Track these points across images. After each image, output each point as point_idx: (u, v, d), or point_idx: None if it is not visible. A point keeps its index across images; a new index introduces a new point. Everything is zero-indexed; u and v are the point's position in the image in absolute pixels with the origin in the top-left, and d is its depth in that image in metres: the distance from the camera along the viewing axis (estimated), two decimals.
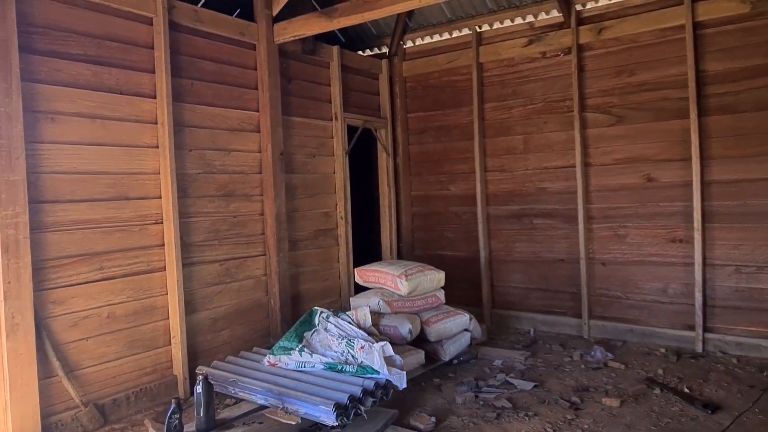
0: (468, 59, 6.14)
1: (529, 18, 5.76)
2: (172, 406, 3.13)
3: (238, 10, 5.47)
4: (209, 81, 4.64)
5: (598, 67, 5.42)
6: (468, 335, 4.86)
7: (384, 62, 6.57)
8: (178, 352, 4.16)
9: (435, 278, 4.86)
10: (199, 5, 4.96)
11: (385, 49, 6.72)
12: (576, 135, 5.48)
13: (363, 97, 6.38)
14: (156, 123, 4.17)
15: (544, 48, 5.69)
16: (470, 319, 4.89)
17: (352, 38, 6.83)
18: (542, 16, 5.69)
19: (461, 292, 6.05)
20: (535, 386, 4.17)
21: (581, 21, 5.47)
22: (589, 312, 5.50)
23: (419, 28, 6.52)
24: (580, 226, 5.49)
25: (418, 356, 4.29)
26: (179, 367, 4.16)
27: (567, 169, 5.61)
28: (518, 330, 5.86)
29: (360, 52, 6.80)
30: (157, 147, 4.17)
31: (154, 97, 4.17)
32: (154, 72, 4.17)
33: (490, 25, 6.03)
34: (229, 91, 4.81)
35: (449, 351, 4.61)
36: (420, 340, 4.54)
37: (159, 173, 4.17)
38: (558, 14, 5.56)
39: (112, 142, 3.91)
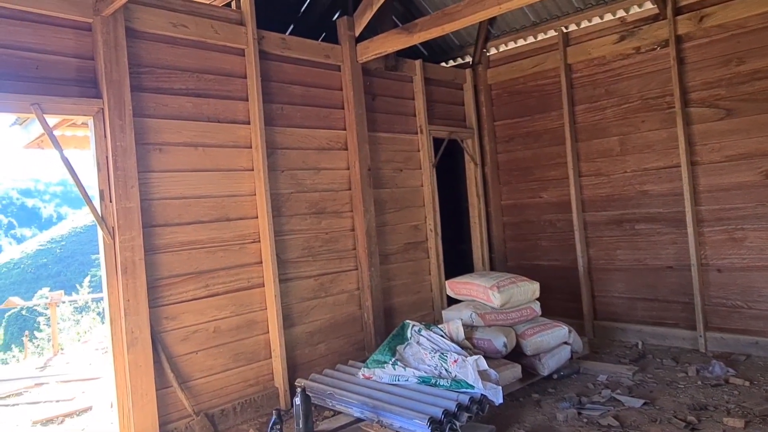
0: (555, 61, 5.94)
1: (620, 13, 5.47)
2: (273, 417, 3.26)
3: (323, 34, 5.69)
4: (298, 104, 4.85)
5: (700, 58, 5.02)
6: (568, 349, 4.63)
7: (468, 71, 6.53)
8: (278, 364, 4.33)
9: (529, 289, 4.69)
10: (287, 33, 5.22)
11: (468, 59, 6.67)
12: (679, 132, 5.09)
13: (448, 108, 6.36)
14: (251, 147, 4.41)
15: (638, 43, 5.37)
16: (569, 331, 4.66)
17: (435, 50, 6.86)
18: (634, 9, 5.38)
19: (558, 303, 5.79)
20: (645, 404, 3.87)
21: (678, 11, 5.11)
22: (704, 323, 5.04)
23: (502, 34, 6.41)
24: (690, 230, 5.07)
25: (515, 370, 4.15)
26: (280, 380, 4.32)
27: (671, 169, 5.22)
28: (623, 343, 5.49)
29: (443, 64, 6.80)
30: (253, 170, 4.41)
31: (248, 123, 4.42)
32: (247, 99, 4.43)
33: (578, 25, 5.80)
34: (317, 112, 4.99)
35: (548, 365, 4.41)
36: (516, 354, 4.39)
37: (255, 194, 4.40)
38: (652, 6, 5.23)
39: (212, 167, 4.19)
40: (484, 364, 3.64)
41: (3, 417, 5.01)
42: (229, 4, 4.58)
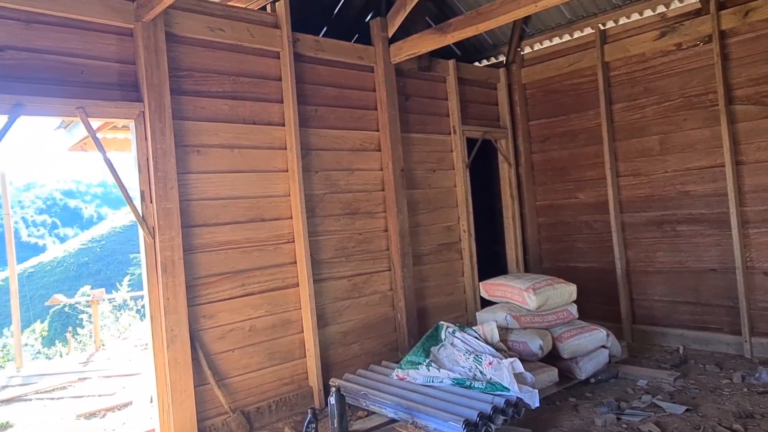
0: (592, 59, 5.82)
1: (660, 9, 5.32)
2: (309, 416, 3.28)
3: (356, 36, 5.71)
4: (331, 105, 4.88)
5: (746, 54, 4.84)
6: (606, 352, 4.53)
7: (501, 71, 6.46)
8: (312, 364, 4.36)
9: (566, 292, 4.61)
10: (320, 35, 5.26)
11: (502, 58, 6.59)
12: (723, 131, 4.92)
13: (481, 108, 6.31)
14: (285, 148, 4.46)
15: (679, 39, 5.22)
16: (608, 335, 4.56)
17: (468, 50, 6.81)
18: (675, 5, 5.22)
19: (595, 306, 5.67)
20: (687, 410, 3.76)
21: (722, 5, 4.95)
22: (750, 328, 4.85)
23: (537, 32, 6.32)
24: (734, 231, 4.89)
25: (551, 374, 4.08)
26: (314, 379, 4.36)
27: (714, 169, 5.05)
28: (664, 347, 5.34)
29: (476, 63, 6.74)
30: (287, 171, 4.46)
31: (283, 125, 4.47)
32: (282, 101, 4.48)
33: (615, 21, 5.67)
34: (350, 113, 5.01)
35: (585, 369, 4.33)
36: (552, 357, 4.32)
37: (289, 195, 4.45)
38: (694, 1, 5.08)
39: (248, 168, 4.25)
40: (520, 366, 3.59)
41: (49, 410, 5.19)
42: (264, 8, 4.65)
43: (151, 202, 3.70)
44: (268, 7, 4.60)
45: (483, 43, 6.76)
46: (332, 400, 3.37)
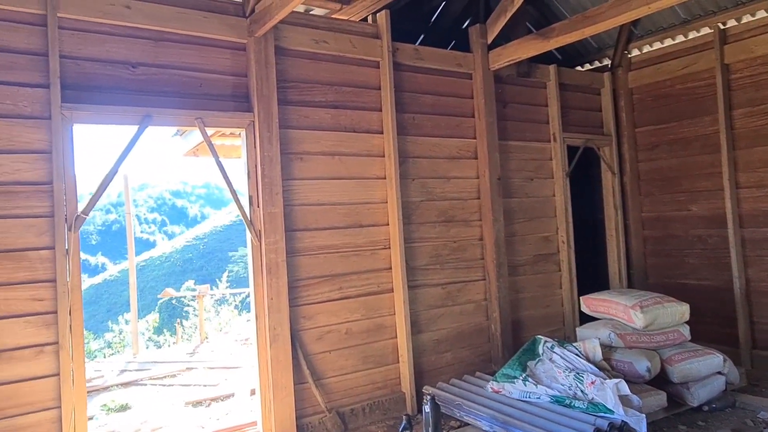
0: (709, 62, 5.40)
1: None
2: (404, 422, 3.31)
3: (453, 42, 5.70)
4: (428, 113, 4.90)
5: None
6: (722, 379, 4.17)
7: (606, 75, 6.16)
8: (405, 370, 4.39)
9: (677, 311, 4.30)
10: (417, 43, 5.30)
11: (606, 62, 6.30)
12: None
13: (583, 114, 6.06)
14: (383, 156, 4.54)
15: None
16: (724, 360, 4.20)
17: (570, 54, 6.57)
18: None
19: (708, 327, 5.24)
20: None
21: None
22: None
23: (647, 34, 5.97)
24: None
25: (659, 398, 3.82)
26: (407, 385, 4.38)
27: None
28: None
29: (578, 68, 6.49)
30: (385, 178, 4.53)
31: (382, 133, 4.56)
32: (381, 110, 4.57)
33: (738, 20, 5.22)
34: (447, 121, 5.01)
35: (697, 395, 4.01)
36: (659, 381, 4.04)
37: (386, 202, 4.52)
38: None
39: (347, 175, 4.37)
40: (625, 388, 3.39)
41: (161, 395, 5.63)
42: (365, 19, 4.77)
43: (258, 207, 3.90)
44: (369, 18, 4.71)
45: (586, 47, 6.49)
46: (427, 408, 3.36)
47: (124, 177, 9.11)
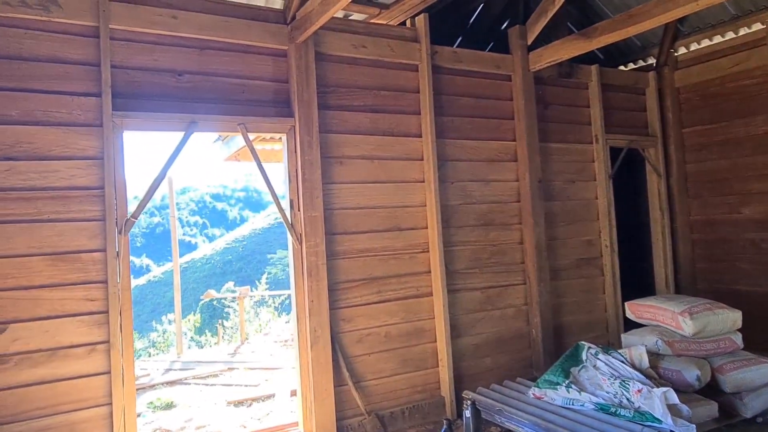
0: (762, 58, 5.19)
1: None
2: (444, 426, 3.29)
3: (491, 44, 5.65)
4: (467, 116, 4.87)
5: None
6: None
7: (651, 74, 6.00)
8: (445, 374, 4.37)
9: (728, 318, 4.12)
10: (455, 45, 5.27)
11: (651, 60, 6.13)
12: None
13: (627, 115, 5.91)
14: (422, 159, 4.54)
15: None
16: None
17: (612, 54, 6.42)
18: None
19: (762, 336, 5.01)
20: None
21: None
22: None
23: (694, 31, 5.78)
24: None
25: (710, 408, 3.68)
26: (446, 389, 4.36)
27: None
28: None
29: (621, 67, 6.34)
30: (424, 181, 4.52)
31: (420, 136, 4.56)
32: (419, 113, 4.57)
33: None
34: (486, 123, 4.97)
35: (751, 406, 3.84)
36: (710, 390, 3.89)
37: (425, 205, 4.51)
38: None
39: (386, 179, 4.39)
40: (674, 397, 3.28)
41: (204, 394, 5.76)
42: (404, 23, 4.78)
43: (299, 210, 3.96)
44: (408, 22, 4.72)
45: (630, 46, 6.33)
46: (467, 413, 3.34)
47: (169, 181, 9.37)
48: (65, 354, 3.21)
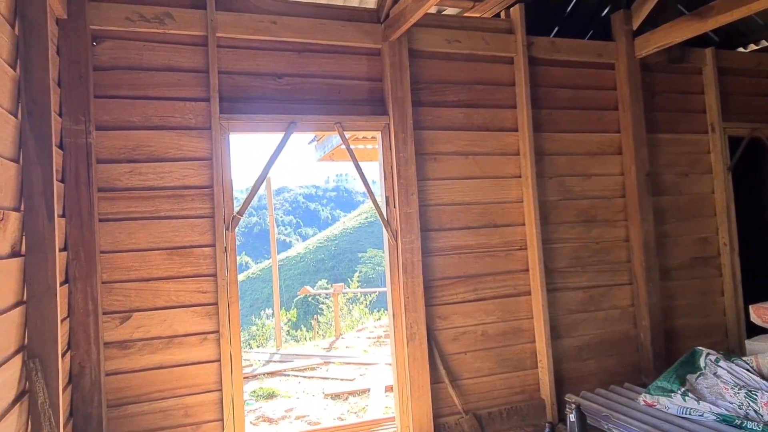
0: None
1: None
2: (546, 429, 3.18)
3: (590, 32, 5.36)
4: (565, 108, 4.66)
5: None
6: None
7: None
8: (545, 376, 4.21)
9: None
10: (551, 35, 5.06)
11: None
12: None
13: (748, 101, 5.38)
14: (518, 154, 4.40)
15: None
16: None
17: (728, 34, 5.86)
18: None
19: None
20: None
21: None
22: None
23: None
24: None
25: None
26: (546, 392, 4.20)
27: None
28: None
29: (740, 49, 5.78)
30: (520, 177, 4.39)
31: (516, 130, 4.42)
32: (515, 107, 4.44)
33: None
34: (586, 115, 4.73)
35: None
36: None
37: (522, 201, 4.37)
38: None
39: (480, 174, 4.30)
40: None
41: (303, 386, 5.97)
42: (498, 15, 4.66)
43: (395, 207, 3.98)
44: (502, 14, 4.60)
45: (749, 25, 5.75)
46: (572, 417, 3.19)
47: (267, 181, 9.80)
48: (180, 342, 3.45)
